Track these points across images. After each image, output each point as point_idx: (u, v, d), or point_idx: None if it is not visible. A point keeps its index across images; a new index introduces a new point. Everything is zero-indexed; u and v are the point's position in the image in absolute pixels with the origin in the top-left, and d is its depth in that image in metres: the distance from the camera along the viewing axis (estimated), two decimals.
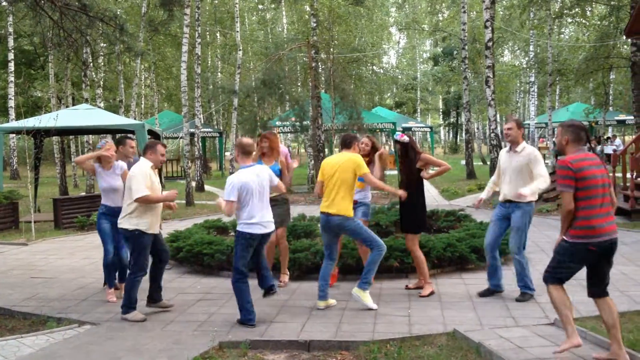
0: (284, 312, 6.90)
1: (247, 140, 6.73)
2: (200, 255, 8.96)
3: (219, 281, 8.56)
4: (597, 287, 5.08)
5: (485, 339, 5.60)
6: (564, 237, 5.05)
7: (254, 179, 6.49)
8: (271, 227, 6.67)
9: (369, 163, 7.86)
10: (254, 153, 7.08)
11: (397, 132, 7.95)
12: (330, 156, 7.60)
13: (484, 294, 7.40)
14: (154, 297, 7.09)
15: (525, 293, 7.16)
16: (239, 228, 6.53)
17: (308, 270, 8.38)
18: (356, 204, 7.65)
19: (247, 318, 6.41)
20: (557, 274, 5.08)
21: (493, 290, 7.39)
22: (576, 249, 4.97)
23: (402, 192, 7.38)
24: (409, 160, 7.54)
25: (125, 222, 6.75)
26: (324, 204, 7.05)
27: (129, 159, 8.04)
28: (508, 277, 8.07)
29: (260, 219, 6.50)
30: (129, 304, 6.79)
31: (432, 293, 7.53)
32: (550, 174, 8.06)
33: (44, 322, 6.81)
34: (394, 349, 5.59)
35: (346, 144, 7.30)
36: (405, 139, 7.63)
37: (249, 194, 6.43)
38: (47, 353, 5.73)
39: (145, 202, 6.67)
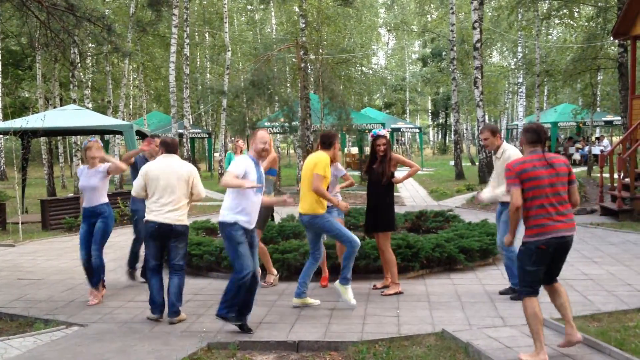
0: (273, 313, 6.89)
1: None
2: (188, 256, 8.92)
3: (207, 282, 8.54)
4: (547, 280, 5.30)
5: (473, 339, 5.62)
6: (522, 241, 5.19)
7: None
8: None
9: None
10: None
11: (376, 129, 7.87)
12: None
13: (505, 292, 7.31)
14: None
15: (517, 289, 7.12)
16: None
17: (297, 270, 8.34)
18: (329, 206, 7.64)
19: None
20: (525, 284, 5.15)
21: (514, 289, 7.17)
22: (529, 249, 5.10)
23: (345, 205, 7.20)
24: (385, 158, 7.48)
25: (185, 220, 6.84)
26: (299, 204, 7.08)
27: (153, 158, 8.09)
28: (497, 277, 8.11)
29: None
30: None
31: (398, 293, 7.53)
32: None
33: (32, 324, 6.77)
34: (383, 349, 5.60)
35: (325, 144, 7.10)
36: (387, 133, 7.63)
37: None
38: (34, 355, 5.69)
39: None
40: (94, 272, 7.59)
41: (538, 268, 5.10)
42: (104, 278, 7.81)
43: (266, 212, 7.48)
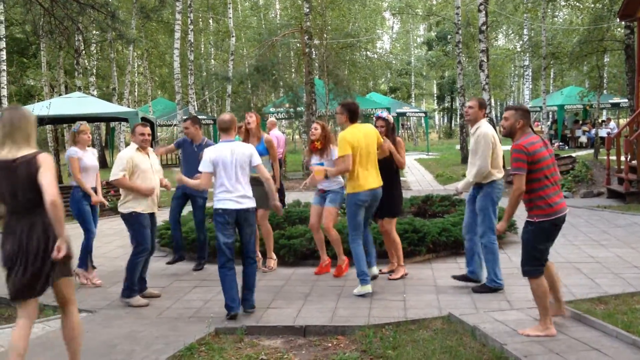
0: (280, 298, 6.91)
1: (224, 116, 6.47)
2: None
3: (214, 268, 8.52)
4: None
5: (480, 323, 5.63)
6: (528, 220, 5.26)
7: (227, 153, 6.19)
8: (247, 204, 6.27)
9: (323, 149, 7.75)
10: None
11: (380, 110, 7.77)
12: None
13: (459, 278, 7.09)
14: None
15: (485, 285, 6.83)
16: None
17: (303, 256, 8.40)
18: (325, 193, 7.67)
19: (228, 306, 6.18)
20: (537, 263, 5.24)
21: (468, 278, 7.01)
22: (543, 227, 5.19)
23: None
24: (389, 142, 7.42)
25: (121, 208, 6.91)
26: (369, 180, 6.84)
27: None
28: (504, 260, 8.09)
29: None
30: (132, 287, 6.83)
31: (404, 275, 7.54)
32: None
33: (40, 311, 6.78)
34: (390, 333, 5.62)
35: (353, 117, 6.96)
36: (391, 117, 7.60)
37: (222, 167, 6.17)
38: (43, 341, 5.74)
39: (119, 186, 6.89)
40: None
41: (549, 245, 5.29)
42: None
43: (263, 191, 6.81)
